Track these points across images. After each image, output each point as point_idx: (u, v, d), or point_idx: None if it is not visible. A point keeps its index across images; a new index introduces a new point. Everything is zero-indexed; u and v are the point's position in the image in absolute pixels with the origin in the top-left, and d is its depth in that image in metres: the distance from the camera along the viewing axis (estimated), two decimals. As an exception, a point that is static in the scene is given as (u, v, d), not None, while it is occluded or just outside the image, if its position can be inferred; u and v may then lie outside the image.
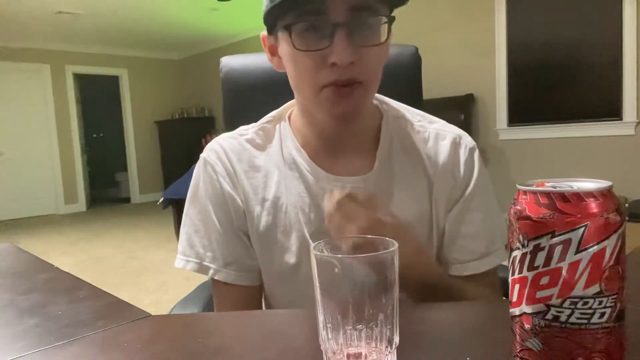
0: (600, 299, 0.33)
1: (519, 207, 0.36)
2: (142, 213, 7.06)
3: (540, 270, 0.34)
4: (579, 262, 0.33)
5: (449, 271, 0.74)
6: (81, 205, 7.66)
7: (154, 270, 3.87)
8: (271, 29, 0.70)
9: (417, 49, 1.06)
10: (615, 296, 0.34)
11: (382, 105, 0.79)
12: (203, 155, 0.78)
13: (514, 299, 0.37)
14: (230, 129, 0.84)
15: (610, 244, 0.33)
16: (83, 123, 7.94)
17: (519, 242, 0.35)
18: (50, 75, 7.28)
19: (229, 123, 1.04)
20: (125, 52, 7.95)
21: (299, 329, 0.55)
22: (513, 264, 0.37)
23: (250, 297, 0.77)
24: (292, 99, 0.78)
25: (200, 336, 0.51)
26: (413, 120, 0.78)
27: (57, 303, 0.61)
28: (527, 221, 0.35)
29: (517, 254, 0.36)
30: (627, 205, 3.08)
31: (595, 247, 0.33)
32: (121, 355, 0.47)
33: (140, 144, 8.33)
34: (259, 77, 1.04)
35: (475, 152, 0.76)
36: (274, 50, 0.72)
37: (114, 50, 7.83)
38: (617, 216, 0.33)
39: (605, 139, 3.82)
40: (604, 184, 0.35)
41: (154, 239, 5.07)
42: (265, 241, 0.74)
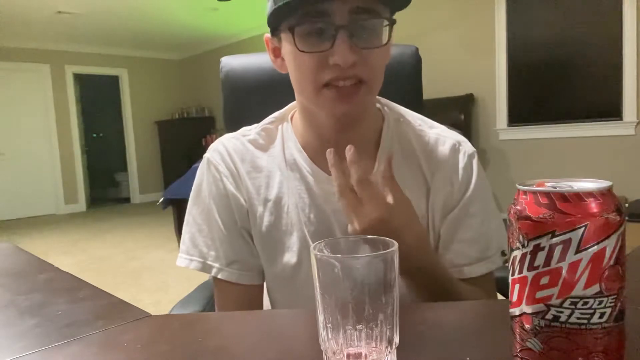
0: (600, 299, 0.33)
1: (519, 207, 0.36)
2: (142, 213, 7.06)
3: (540, 270, 0.34)
4: (579, 262, 0.33)
5: None
6: (81, 205, 7.67)
7: (154, 270, 3.87)
8: (274, 31, 0.70)
9: (417, 49, 1.06)
10: (615, 296, 0.34)
11: (384, 108, 0.79)
12: (206, 155, 0.78)
13: (514, 299, 0.37)
14: (230, 129, 0.84)
15: (610, 244, 0.33)
16: (83, 123, 7.95)
17: (519, 242, 0.35)
18: (50, 75, 7.29)
19: (229, 123, 1.04)
20: (125, 52, 7.95)
21: (299, 329, 0.55)
22: (513, 264, 0.37)
23: (252, 296, 0.77)
24: (292, 99, 0.78)
25: (200, 336, 0.51)
26: (414, 124, 0.78)
27: (57, 303, 0.61)
28: (527, 221, 0.35)
29: (517, 254, 0.36)
30: (627, 205, 3.07)
31: (595, 247, 0.33)
32: (121, 355, 0.47)
33: (140, 144, 8.33)
34: (259, 77, 1.04)
35: (474, 159, 0.76)
36: (277, 52, 0.72)
37: (114, 50, 7.83)
38: (617, 216, 0.33)
39: (605, 139, 3.82)
40: (604, 184, 0.35)
41: (154, 239, 5.07)
42: (268, 241, 0.75)
